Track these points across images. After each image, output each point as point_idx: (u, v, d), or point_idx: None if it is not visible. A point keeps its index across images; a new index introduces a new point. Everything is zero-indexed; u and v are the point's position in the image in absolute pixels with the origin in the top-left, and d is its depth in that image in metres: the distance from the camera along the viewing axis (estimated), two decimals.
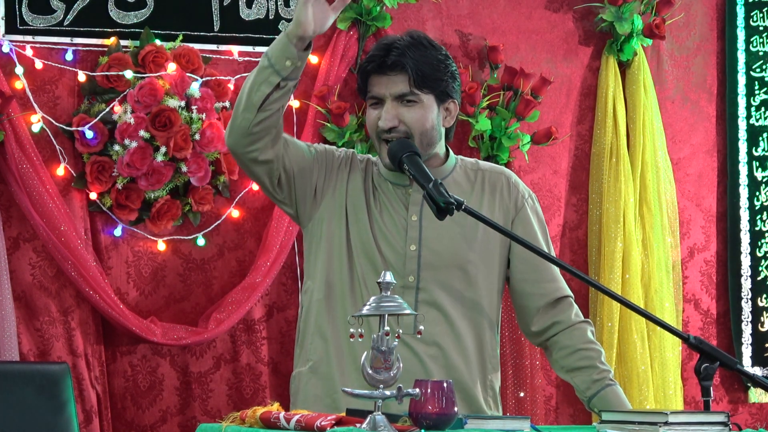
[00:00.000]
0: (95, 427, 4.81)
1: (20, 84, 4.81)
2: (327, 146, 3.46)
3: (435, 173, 3.34)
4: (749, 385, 5.75)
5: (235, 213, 5.05)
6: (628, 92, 5.57)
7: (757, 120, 5.77)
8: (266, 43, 5.10)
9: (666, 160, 5.60)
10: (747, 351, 5.69)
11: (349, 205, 3.39)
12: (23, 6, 4.85)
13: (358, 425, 2.64)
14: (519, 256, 3.45)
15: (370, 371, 2.71)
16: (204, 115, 4.87)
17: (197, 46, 5.00)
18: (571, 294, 3.51)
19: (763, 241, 5.74)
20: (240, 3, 5.10)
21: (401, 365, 2.73)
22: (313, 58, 5.16)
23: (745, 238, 5.73)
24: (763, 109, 5.77)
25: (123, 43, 4.92)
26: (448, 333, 3.36)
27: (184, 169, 4.86)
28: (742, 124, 5.75)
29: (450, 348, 3.36)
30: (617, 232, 5.45)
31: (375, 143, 3.38)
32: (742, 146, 5.75)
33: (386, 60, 3.32)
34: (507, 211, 3.46)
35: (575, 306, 3.49)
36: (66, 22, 4.89)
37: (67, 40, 4.89)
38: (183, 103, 4.85)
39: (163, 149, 4.78)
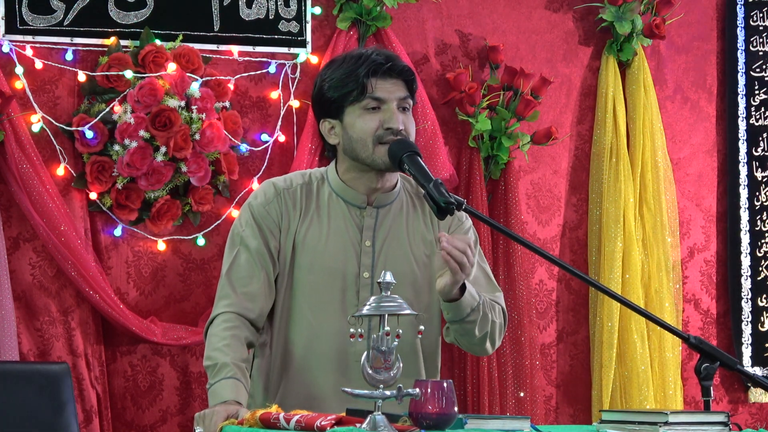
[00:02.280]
0: (95, 427, 4.81)
1: (20, 84, 4.81)
2: (259, 232, 3.37)
3: (386, 197, 3.39)
4: (749, 385, 5.75)
5: (235, 213, 5.04)
6: (628, 92, 5.57)
7: (757, 120, 5.77)
8: (266, 43, 5.12)
9: (666, 160, 5.60)
10: (747, 351, 5.69)
11: (299, 238, 3.36)
12: (23, 6, 4.85)
13: (358, 425, 2.64)
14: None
15: (370, 371, 2.71)
16: (204, 115, 4.87)
17: (197, 46, 4.99)
18: (504, 309, 3.47)
19: (763, 241, 5.74)
20: (240, 3, 5.10)
21: (401, 365, 2.73)
22: (313, 58, 5.16)
23: (745, 238, 5.73)
24: (763, 109, 5.77)
25: (123, 43, 4.92)
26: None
27: (184, 169, 4.86)
28: (742, 124, 5.75)
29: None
30: (617, 232, 5.45)
31: (368, 147, 3.31)
32: (742, 146, 5.75)
33: (395, 64, 3.32)
34: (446, 230, 3.44)
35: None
36: (66, 22, 4.89)
37: (67, 40, 4.89)
38: (183, 103, 4.85)
39: (163, 149, 4.78)
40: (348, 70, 3.33)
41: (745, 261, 5.73)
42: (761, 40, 5.78)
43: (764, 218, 5.75)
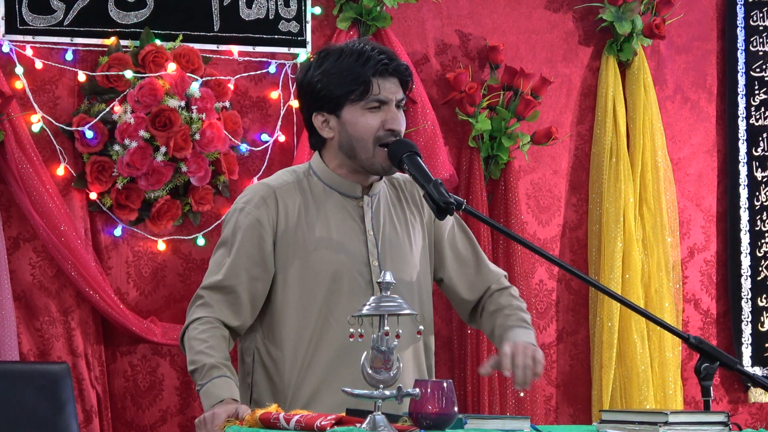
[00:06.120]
0: (95, 427, 4.81)
1: (20, 84, 4.81)
2: (254, 237, 3.33)
3: (376, 186, 3.39)
4: (749, 385, 5.75)
5: None
6: (628, 92, 5.57)
7: (757, 120, 5.77)
8: (266, 43, 5.11)
9: (666, 160, 5.60)
10: (747, 351, 5.69)
11: (302, 236, 3.31)
12: (23, 6, 4.85)
13: (358, 425, 2.64)
14: (452, 255, 3.47)
15: (370, 371, 2.71)
16: (204, 115, 4.87)
17: (197, 46, 5.00)
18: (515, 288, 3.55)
19: (763, 241, 5.74)
20: (240, 3, 5.10)
21: (401, 365, 2.73)
22: None
23: (745, 238, 5.73)
24: (763, 109, 5.77)
25: (123, 43, 4.92)
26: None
27: (184, 169, 4.86)
28: (742, 124, 5.75)
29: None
30: (617, 232, 5.45)
31: (368, 148, 3.29)
32: (742, 146, 5.75)
33: (399, 65, 3.33)
34: (430, 217, 3.46)
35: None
36: (66, 22, 4.89)
37: (67, 40, 4.89)
38: (183, 103, 4.86)
39: (163, 149, 4.79)
40: (348, 67, 3.29)
41: (745, 261, 5.72)
42: (761, 40, 5.78)
43: (764, 218, 5.75)
